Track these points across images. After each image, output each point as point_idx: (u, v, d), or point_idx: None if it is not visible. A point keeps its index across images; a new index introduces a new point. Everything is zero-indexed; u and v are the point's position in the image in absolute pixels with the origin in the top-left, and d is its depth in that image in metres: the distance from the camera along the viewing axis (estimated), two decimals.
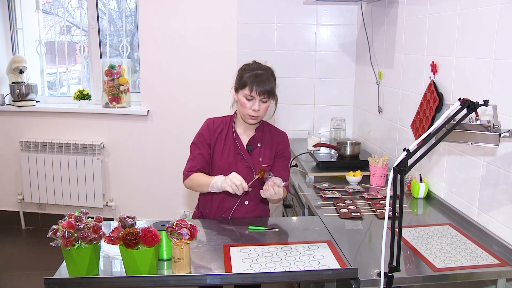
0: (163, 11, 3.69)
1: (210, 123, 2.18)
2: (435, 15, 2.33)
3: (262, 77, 2.03)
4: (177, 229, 1.57)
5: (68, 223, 1.54)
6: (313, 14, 3.60)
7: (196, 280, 1.62)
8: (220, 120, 2.19)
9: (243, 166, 2.12)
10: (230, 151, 2.13)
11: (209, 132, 2.14)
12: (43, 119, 4.03)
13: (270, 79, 2.06)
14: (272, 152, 2.16)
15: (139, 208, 4.04)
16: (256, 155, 2.14)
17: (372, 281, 1.54)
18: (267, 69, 2.11)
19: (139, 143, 3.94)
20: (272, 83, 2.07)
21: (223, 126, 2.17)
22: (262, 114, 2.08)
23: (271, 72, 2.12)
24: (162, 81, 3.80)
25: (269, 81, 2.05)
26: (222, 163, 2.11)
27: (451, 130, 1.54)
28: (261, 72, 2.06)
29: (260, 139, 2.17)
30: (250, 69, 2.09)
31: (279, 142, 2.19)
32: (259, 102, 2.04)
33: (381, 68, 3.05)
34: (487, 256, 1.70)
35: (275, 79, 2.13)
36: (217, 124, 2.17)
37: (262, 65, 2.13)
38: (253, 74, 2.05)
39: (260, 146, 2.15)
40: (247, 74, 2.06)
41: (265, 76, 2.05)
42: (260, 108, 2.05)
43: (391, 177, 1.39)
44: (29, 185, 4.04)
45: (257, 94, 2.02)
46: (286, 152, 2.21)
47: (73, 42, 4.31)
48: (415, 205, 2.29)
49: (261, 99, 2.04)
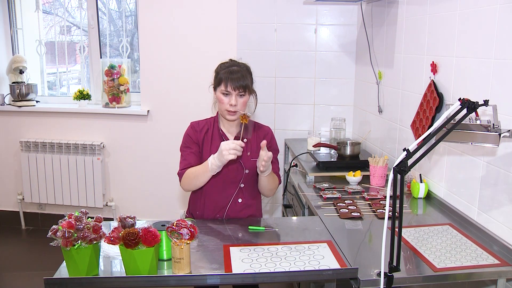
0: (163, 11, 3.70)
1: (194, 125, 2.24)
2: (435, 15, 2.33)
3: (237, 73, 2.08)
4: (177, 229, 1.57)
5: (68, 223, 1.54)
6: (313, 14, 3.60)
7: (196, 280, 1.62)
8: (204, 121, 2.25)
9: (231, 162, 2.13)
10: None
11: (195, 132, 2.20)
12: (43, 119, 4.03)
13: (245, 74, 2.10)
14: (258, 146, 2.18)
15: (139, 208, 4.04)
16: (243, 150, 2.16)
17: (372, 281, 1.54)
18: (242, 65, 2.15)
19: (139, 143, 3.94)
20: (247, 78, 2.11)
21: (208, 126, 2.22)
22: (241, 108, 2.11)
23: (246, 68, 2.16)
24: (162, 81, 3.81)
25: (244, 76, 2.09)
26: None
27: (451, 130, 1.54)
28: (235, 68, 2.11)
29: (245, 135, 2.19)
30: (225, 66, 2.14)
31: (264, 135, 2.22)
32: (235, 96, 2.08)
33: (381, 68, 3.05)
34: (487, 256, 1.70)
35: (251, 74, 2.17)
36: (201, 125, 2.22)
37: (237, 62, 2.18)
38: (227, 70, 2.10)
39: (246, 142, 2.18)
40: (222, 71, 2.12)
41: (240, 72, 2.09)
42: (238, 102, 2.08)
43: (391, 177, 1.39)
44: (29, 185, 4.04)
45: (232, 89, 2.06)
46: (273, 145, 2.25)
47: (73, 42, 4.31)
48: (415, 205, 2.29)
49: (238, 94, 2.08)
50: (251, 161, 2.17)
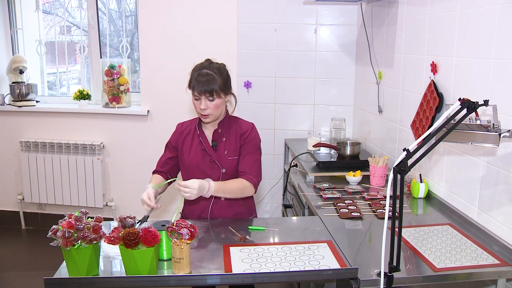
0: (163, 11, 3.70)
1: (179, 126, 2.28)
2: (435, 15, 2.33)
3: (204, 77, 2.04)
4: (177, 229, 1.57)
5: (68, 223, 1.54)
6: (313, 14, 3.60)
7: (196, 280, 1.63)
8: (188, 122, 2.27)
9: (207, 161, 2.16)
10: (196, 149, 2.18)
11: (176, 136, 2.25)
12: (43, 119, 4.03)
13: (212, 78, 2.04)
14: (237, 144, 2.18)
15: (139, 208, 4.02)
16: (221, 149, 2.17)
17: (372, 281, 1.54)
18: (214, 67, 2.09)
19: (139, 143, 3.94)
20: (215, 81, 2.04)
21: (191, 127, 2.24)
22: (213, 112, 2.08)
23: (218, 69, 2.09)
24: (162, 81, 3.81)
25: (212, 81, 2.04)
26: (189, 160, 2.18)
27: (451, 130, 1.54)
28: (204, 71, 2.06)
29: (225, 133, 2.19)
30: (196, 69, 2.11)
31: (243, 132, 2.19)
32: (204, 101, 2.06)
33: (381, 68, 3.05)
34: (487, 256, 1.70)
35: (224, 75, 2.10)
36: (184, 127, 2.25)
37: (209, 64, 2.12)
38: (197, 73, 2.07)
39: (225, 140, 2.18)
40: (193, 74, 2.09)
41: (208, 75, 2.04)
42: (208, 107, 2.07)
43: (391, 177, 1.39)
44: (29, 185, 4.04)
45: (199, 94, 2.05)
46: (251, 139, 2.18)
47: (73, 42, 4.31)
48: (415, 205, 2.29)
49: (206, 98, 2.06)
50: (228, 160, 2.15)
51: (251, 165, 2.14)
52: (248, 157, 2.15)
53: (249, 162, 2.14)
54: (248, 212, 2.27)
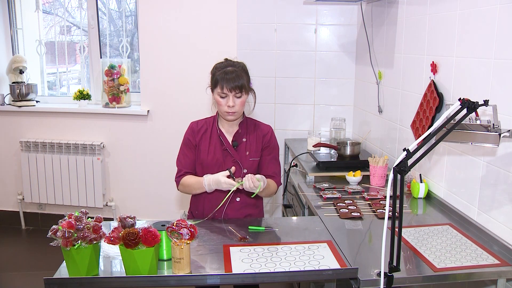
0: (163, 11, 3.69)
1: (193, 125, 2.25)
2: (435, 15, 2.33)
3: (232, 74, 2.07)
4: (177, 229, 1.57)
5: (68, 223, 1.54)
6: (313, 14, 3.60)
7: (196, 280, 1.63)
8: (203, 121, 2.26)
9: (230, 161, 2.16)
10: (216, 149, 2.18)
11: (193, 133, 2.22)
12: (43, 119, 4.03)
13: (240, 74, 2.09)
14: (258, 145, 2.21)
15: (139, 208, 4.04)
16: (242, 149, 2.19)
17: (372, 281, 1.54)
18: (238, 65, 2.14)
19: (139, 143, 3.94)
20: (243, 78, 2.09)
21: (207, 126, 2.23)
22: (239, 109, 2.11)
23: (242, 67, 2.15)
24: (162, 81, 3.81)
25: (240, 76, 2.08)
26: (209, 160, 2.17)
27: (451, 130, 1.54)
28: (231, 68, 2.10)
29: (244, 134, 2.21)
30: (221, 67, 2.13)
31: (264, 134, 2.23)
32: (232, 98, 2.08)
33: (381, 68, 3.05)
34: (487, 256, 1.70)
35: (247, 73, 2.16)
36: (200, 125, 2.24)
37: (233, 62, 2.17)
38: (222, 71, 2.09)
39: (246, 141, 2.19)
40: (218, 72, 2.11)
41: (235, 72, 2.08)
42: (235, 103, 2.09)
43: (391, 177, 1.39)
44: (29, 185, 4.04)
45: (229, 90, 2.06)
46: (273, 143, 2.26)
47: (73, 42, 4.31)
48: (415, 205, 2.29)
49: (234, 95, 2.08)
50: (250, 161, 2.18)
51: (278, 170, 2.25)
52: (274, 161, 2.24)
53: (276, 167, 2.24)
54: (258, 214, 2.29)
